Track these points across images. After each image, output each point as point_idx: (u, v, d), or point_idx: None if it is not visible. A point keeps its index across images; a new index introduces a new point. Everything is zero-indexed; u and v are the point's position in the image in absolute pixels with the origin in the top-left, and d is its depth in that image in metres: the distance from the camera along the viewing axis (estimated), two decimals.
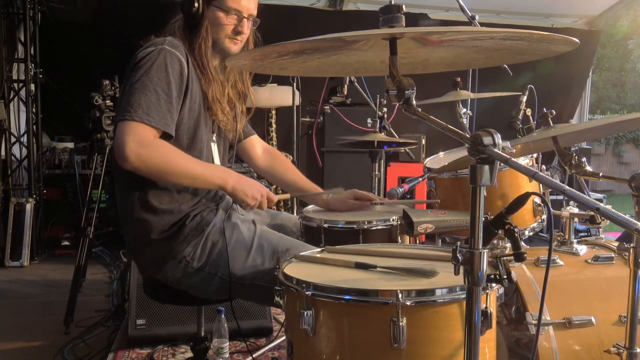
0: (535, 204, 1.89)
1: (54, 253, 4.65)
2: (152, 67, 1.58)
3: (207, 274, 1.66)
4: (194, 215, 1.68)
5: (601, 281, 1.66)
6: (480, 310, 0.99)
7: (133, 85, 1.57)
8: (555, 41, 1.06)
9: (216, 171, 1.68)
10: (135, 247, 1.75)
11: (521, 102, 2.23)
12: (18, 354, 2.71)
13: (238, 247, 1.67)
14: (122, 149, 1.51)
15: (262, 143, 2.11)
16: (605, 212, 0.87)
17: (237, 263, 1.64)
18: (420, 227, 1.48)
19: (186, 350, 2.59)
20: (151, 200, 1.65)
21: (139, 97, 1.55)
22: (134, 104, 1.54)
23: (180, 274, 1.67)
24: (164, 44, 1.63)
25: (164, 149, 1.57)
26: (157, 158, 1.55)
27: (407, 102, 1.04)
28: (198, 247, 1.66)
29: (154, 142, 1.56)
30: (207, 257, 1.66)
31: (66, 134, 4.95)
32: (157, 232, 1.65)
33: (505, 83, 2.75)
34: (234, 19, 1.73)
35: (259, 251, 1.66)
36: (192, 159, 1.64)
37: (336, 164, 4.15)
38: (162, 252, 1.66)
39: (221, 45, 1.74)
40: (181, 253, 1.65)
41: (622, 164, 11.51)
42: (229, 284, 1.64)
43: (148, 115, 1.54)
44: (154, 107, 1.55)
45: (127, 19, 4.64)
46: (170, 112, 1.59)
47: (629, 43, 14.49)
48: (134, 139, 1.51)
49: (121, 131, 1.53)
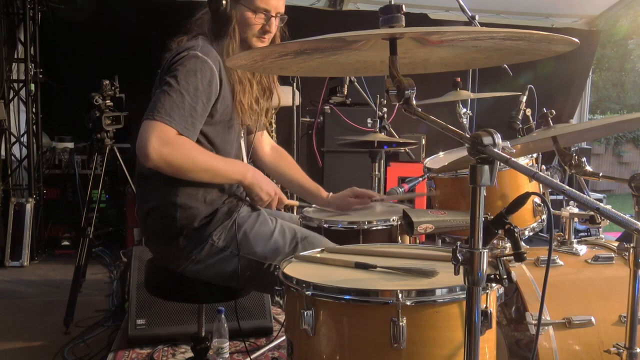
0: (535, 204, 1.89)
1: (54, 253, 4.66)
2: (181, 72, 1.60)
3: (229, 253, 1.70)
4: (226, 202, 1.74)
5: (601, 281, 1.66)
6: (480, 310, 0.99)
7: (162, 87, 1.60)
8: (555, 41, 1.06)
9: (235, 166, 1.73)
10: (167, 236, 1.73)
11: (521, 102, 2.23)
12: (18, 354, 2.71)
13: (261, 231, 1.72)
14: (145, 147, 1.53)
15: (270, 140, 2.15)
16: (605, 212, 0.87)
17: (259, 244, 1.70)
18: (420, 227, 1.48)
19: (186, 350, 2.59)
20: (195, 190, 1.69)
21: (164, 98, 1.57)
22: (158, 105, 1.57)
23: (205, 254, 1.70)
24: (196, 50, 1.64)
25: (185, 146, 1.59)
26: (179, 155, 1.57)
27: (407, 102, 1.04)
28: (225, 229, 1.71)
29: (176, 140, 1.58)
30: (231, 238, 1.70)
31: (66, 134, 4.95)
32: (199, 220, 1.70)
33: (505, 83, 2.75)
34: (262, 18, 1.74)
35: (280, 235, 1.72)
36: (211, 154, 1.68)
37: (336, 164, 4.14)
38: (197, 237, 1.70)
39: (249, 44, 1.75)
40: (210, 235, 1.69)
41: (622, 164, 11.52)
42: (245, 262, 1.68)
43: (170, 117, 1.56)
44: (177, 109, 1.57)
45: (127, 19, 4.64)
46: (192, 117, 1.60)
47: (629, 43, 14.49)
48: (157, 137, 1.54)
49: (144, 130, 1.56)
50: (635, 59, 15.21)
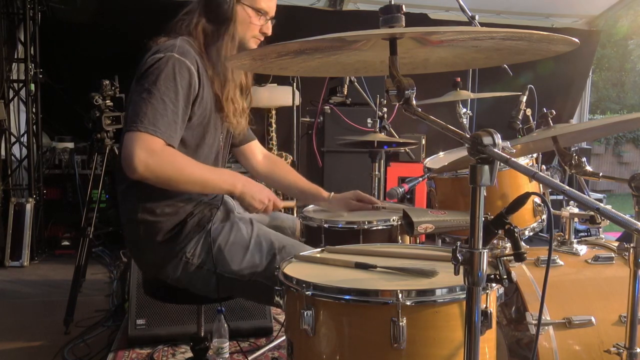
0: (535, 204, 1.89)
1: (54, 253, 4.66)
2: (160, 76, 1.57)
3: (206, 271, 1.67)
4: (196, 213, 1.69)
5: (601, 281, 1.66)
6: (480, 310, 0.99)
7: (140, 94, 1.56)
8: (555, 41, 1.06)
9: (224, 176, 1.68)
10: (138, 249, 1.75)
11: (521, 102, 2.23)
12: (18, 354, 2.71)
13: (236, 244, 1.68)
14: (131, 159, 1.50)
15: (262, 149, 2.11)
16: (605, 212, 0.87)
17: (235, 260, 1.66)
18: (420, 227, 1.48)
19: (186, 350, 2.59)
20: (155, 204, 1.65)
21: (146, 107, 1.53)
22: (140, 115, 1.53)
23: (181, 271, 1.68)
24: (173, 51, 1.61)
25: (172, 157, 1.56)
26: (166, 167, 1.54)
27: (407, 102, 1.04)
28: (199, 244, 1.67)
29: (163, 151, 1.54)
30: (206, 254, 1.66)
31: (66, 134, 4.95)
32: (162, 234, 1.66)
33: (505, 83, 2.75)
34: (262, 19, 1.73)
35: (256, 248, 1.68)
36: (200, 165, 1.64)
37: (336, 164, 4.15)
38: (165, 252, 1.67)
39: (245, 44, 1.74)
40: (182, 251, 1.66)
41: (622, 164, 11.52)
42: (225, 280, 1.65)
43: (154, 126, 1.52)
44: (160, 117, 1.54)
45: (127, 19, 4.64)
46: (175, 123, 1.58)
47: (629, 43, 14.49)
48: (143, 149, 1.50)
49: (129, 142, 1.52)
50: (635, 59, 15.21)
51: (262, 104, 4.56)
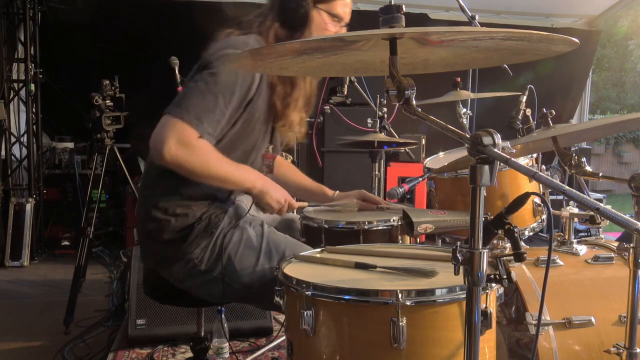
0: (535, 204, 1.89)
1: (54, 253, 4.66)
2: (222, 72, 1.53)
3: (213, 277, 1.65)
4: (204, 218, 1.66)
5: (601, 281, 1.65)
6: (480, 310, 0.99)
7: (197, 82, 1.53)
8: (555, 41, 1.06)
9: (246, 174, 1.66)
10: (146, 244, 1.74)
11: (521, 102, 2.23)
12: (18, 354, 2.71)
13: (246, 253, 1.65)
14: (162, 145, 1.48)
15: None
16: (605, 212, 0.87)
17: (245, 272, 1.63)
18: (420, 227, 1.48)
19: (186, 350, 2.59)
20: (170, 203, 1.64)
21: (198, 98, 1.51)
22: (189, 103, 1.51)
23: (186, 274, 1.66)
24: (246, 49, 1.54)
25: (203, 150, 1.53)
26: (194, 161, 1.52)
27: (407, 102, 1.04)
28: (207, 250, 1.64)
29: (195, 144, 1.51)
30: (214, 261, 1.64)
31: (66, 134, 4.95)
32: (169, 233, 1.64)
33: (505, 83, 2.75)
34: (336, 25, 1.70)
35: (266, 257, 1.65)
36: (226, 161, 1.61)
37: (336, 164, 4.14)
38: (171, 252, 1.65)
39: None
40: (189, 255, 1.64)
41: (622, 164, 11.53)
42: (233, 290, 1.64)
43: (199, 120, 1.50)
44: (208, 112, 1.51)
45: (127, 19, 4.64)
46: (219, 122, 1.55)
47: (630, 44, 14.49)
48: (176, 138, 1.48)
49: (166, 125, 1.49)
50: (635, 59, 15.21)
51: None
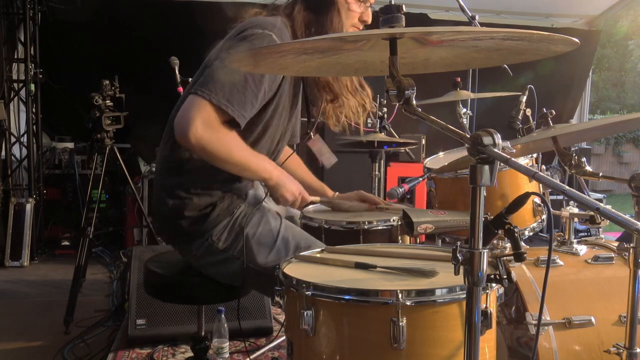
0: (535, 204, 1.89)
1: (54, 253, 4.66)
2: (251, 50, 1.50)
3: (230, 256, 1.66)
4: (226, 197, 1.67)
5: (601, 281, 1.65)
6: (480, 310, 0.99)
7: (224, 61, 1.49)
8: (555, 41, 1.06)
9: (265, 164, 1.66)
10: (164, 220, 1.73)
11: (521, 102, 2.23)
12: (18, 354, 2.71)
13: (264, 237, 1.66)
14: (187, 127, 1.45)
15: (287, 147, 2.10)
16: (605, 212, 0.87)
17: (262, 253, 1.64)
18: (420, 227, 1.48)
19: (186, 350, 2.59)
20: (191, 181, 1.64)
21: (226, 77, 1.47)
22: (217, 83, 1.47)
23: (204, 251, 1.66)
24: (273, 31, 1.52)
25: (227, 137, 1.52)
26: (217, 145, 1.50)
27: (407, 102, 1.04)
28: (226, 229, 1.65)
29: (220, 129, 1.50)
30: (232, 240, 1.65)
31: (66, 134, 4.95)
32: (191, 210, 1.64)
33: (505, 83, 2.74)
34: (362, 6, 1.67)
35: (283, 244, 1.66)
36: (248, 149, 1.60)
37: (336, 164, 4.13)
38: (192, 228, 1.65)
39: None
40: (209, 232, 1.64)
41: (622, 164, 11.52)
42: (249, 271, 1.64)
43: (228, 101, 1.47)
44: (237, 93, 1.48)
45: (128, 18, 4.64)
46: (252, 105, 1.52)
47: (629, 43, 14.49)
48: (203, 120, 1.46)
49: (193, 106, 1.46)
50: (635, 59, 15.21)
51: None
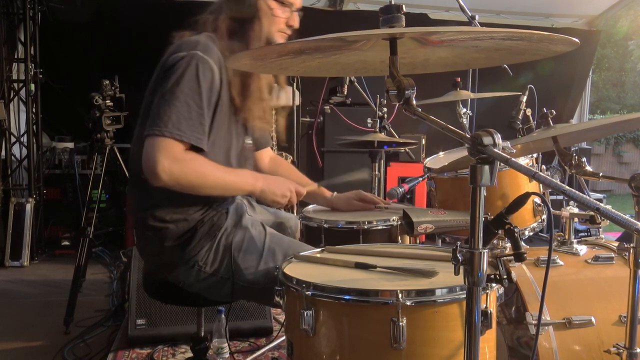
0: (535, 204, 1.89)
1: (54, 253, 4.66)
2: (183, 77, 1.52)
3: (220, 278, 1.64)
4: (206, 220, 1.66)
5: (601, 281, 1.65)
6: (480, 310, 0.99)
7: (163, 96, 1.51)
8: (555, 41, 1.06)
9: (245, 177, 1.66)
10: (147, 252, 1.74)
11: (521, 102, 2.23)
12: (18, 354, 2.71)
13: (250, 251, 1.65)
14: (154, 166, 1.47)
15: (270, 152, 2.10)
16: (605, 212, 0.87)
17: (249, 267, 1.63)
18: (420, 227, 1.48)
19: (186, 350, 2.59)
20: (166, 211, 1.63)
21: (170, 110, 1.49)
22: (164, 118, 1.49)
23: (193, 278, 1.65)
24: (196, 49, 1.55)
25: (195, 163, 1.53)
26: (190, 174, 1.51)
27: (407, 102, 1.04)
28: (210, 251, 1.64)
29: (185, 157, 1.51)
30: (219, 262, 1.64)
31: (66, 134, 4.95)
32: (171, 240, 1.63)
33: (505, 83, 2.75)
34: (287, 11, 1.68)
35: (270, 255, 1.65)
36: (222, 168, 1.61)
37: (336, 164, 4.14)
38: (175, 257, 1.64)
39: (272, 39, 1.67)
40: (194, 258, 1.63)
41: (622, 164, 11.53)
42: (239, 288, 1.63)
43: (179, 130, 1.49)
44: (184, 120, 1.50)
45: (128, 19, 4.64)
46: (202, 125, 1.54)
47: (630, 44, 14.49)
48: (166, 156, 1.47)
49: (152, 147, 1.48)
50: (635, 59, 15.22)
51: None
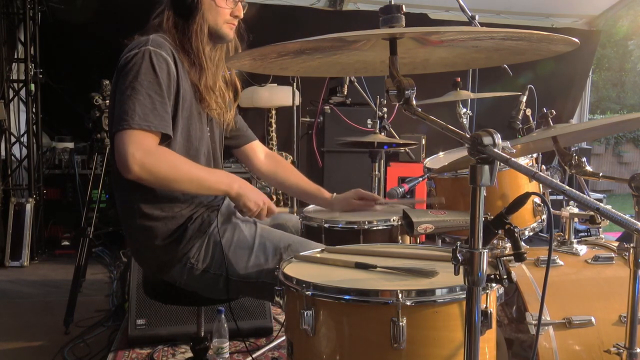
0: (535, 204, 1.89)
1: (54, 253, 4.66)
2: (140, 71, 1.54)
3: (213, 274, 1.66)
4: (196, 217, 1.67)
5: (601, 281, 1.66)
6: (480, 310, 0.99)
7: (124, 93, 1.52)
8: (555, 41, 1.06)
9: (221, 176, 1.66)
10: (140, 253, 1.75)
11: (521, 102, 2.24)
12: (18, 354, 2.71)
13: (240, 246, 1.67)
14: (126, 159, 1.47)
15: (263, 148, 2.10)
16: (605, 212, 0.87)
17: (240, 263, 1.64)
18: (420, 227, 1.48)
19: (186, 350, 2.59)
20: (152, 208, 1.64)
21: (133, 103, 1.50)
22: (129, 112, 1.49)
23: (187, 276, 1.66)
24: (147, 45, 1.58)
25: (168, 156, 1.55)
26: (163, 166, 1.52)
27: (407, 102, 1.04)
28: (202, 248, 1.65)
29: (158, 150, 1.53)
30: (211, 259, 1.65)
31: (66, 134, 4.95)
32: (161, 239, 1.64)
33: (505, 83, 2.75)
34: (230, 2, 1.70)
35: (261, 249, 1.66)
36: (195, 165, 1.62)
37: (336, 164, 4.15)
38: (167, 256, 1.65)
39: (219, 31, 1.70)
40: (186, 255, 1.64)
41: (622, 164, 11.53)
42: (232, 283, 1.64)
43: (146, 121, 1.50)
44: (150, 111, 1.51)
45: (128, 18, 4.62)
46: (167, 113, 1.56)
47: (630, 44, 14.49)
48: (138, 148, 1.48)
49: (122, 141, 1.49)
50: (635, 59, 15.22)
51: (262, 104, 4.56)
